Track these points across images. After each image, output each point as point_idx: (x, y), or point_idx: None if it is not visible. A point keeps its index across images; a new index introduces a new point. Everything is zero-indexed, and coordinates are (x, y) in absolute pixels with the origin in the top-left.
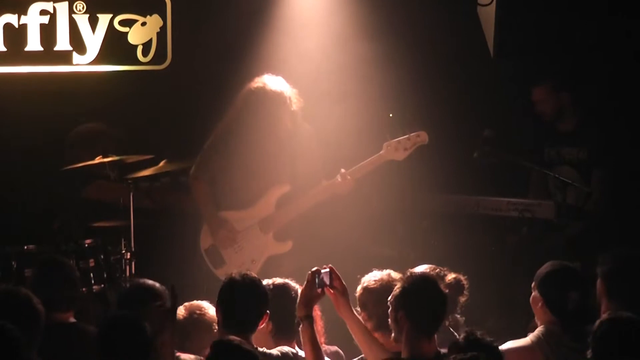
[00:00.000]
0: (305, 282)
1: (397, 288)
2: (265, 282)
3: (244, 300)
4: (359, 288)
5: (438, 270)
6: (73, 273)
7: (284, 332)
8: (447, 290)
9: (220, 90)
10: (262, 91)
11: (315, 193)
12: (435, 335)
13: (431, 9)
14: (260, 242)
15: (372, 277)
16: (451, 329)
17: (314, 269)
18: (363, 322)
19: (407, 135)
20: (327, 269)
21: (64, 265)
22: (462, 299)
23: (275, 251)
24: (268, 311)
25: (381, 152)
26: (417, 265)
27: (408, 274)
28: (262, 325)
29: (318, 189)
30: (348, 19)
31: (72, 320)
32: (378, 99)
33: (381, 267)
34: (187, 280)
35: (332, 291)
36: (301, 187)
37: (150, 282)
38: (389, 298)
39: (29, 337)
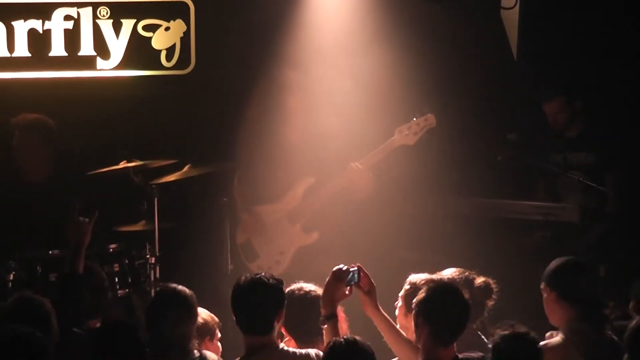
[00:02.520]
0: (328, 280)
1: (421, 293)
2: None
3: (251, 303)
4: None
5: (467, 273)
6: (103, 281)
7: (302, 340)
8: (475, 294)
9: (244, 94)
10: (274, 84)
11: (332, 184)
12: (455, 343)
13: (454, 12)
14: (289, 234)
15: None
16: (479, 333)
17: (338, 266)
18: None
19: (416, 120)
20: (356, 267)
21: (94, 273)
22: (491, 303)
23: (302, 242)
24: (282, 309)
25: (393, 138)
26: (443, 269)
27: (435, 278)
28: (277, 324)
29: (333, 180)
30: (370, 21)
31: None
32: (399, 100)
33: (405, 271)
34: (212, 284)
35: (360, 289)
36: (327, 177)
37: (180, 287)
38: (413, 301)
39: None
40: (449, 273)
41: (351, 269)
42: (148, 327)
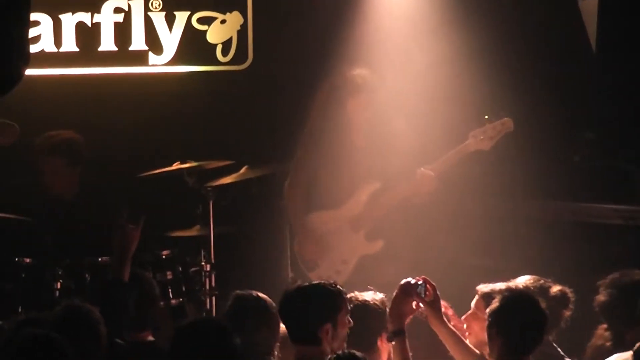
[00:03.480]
0: (395, 294)
1: (494, 302)
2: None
3: (295, 311)
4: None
5: (542, 281)
6: (152, 289)
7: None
8: (551, 304)
9: (304, 91)
10: (343, 80)
11: (398, 190)
12: (530, 355)
13: (527, 1)
14: (351, 242)
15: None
16: (554, 345)
17: (406, 280)
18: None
19: (492, 124)
20: (421, 281)
21: (143, 281)
22: (567, 313)
23: (366, 251)
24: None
25: (466, 142)
26: (517, 277)
27: (509, 287)
28: (327, 335)
29: (400, 186)
30: (437, 12)
31: (151, 338)
32: (467, 94)
33: (476, 279)
34: (271, 293)
35: (423, 301)
36: (392, 183)
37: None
38: (487, 311)
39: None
40: (523, 281)
41: (418, 282)
42: None
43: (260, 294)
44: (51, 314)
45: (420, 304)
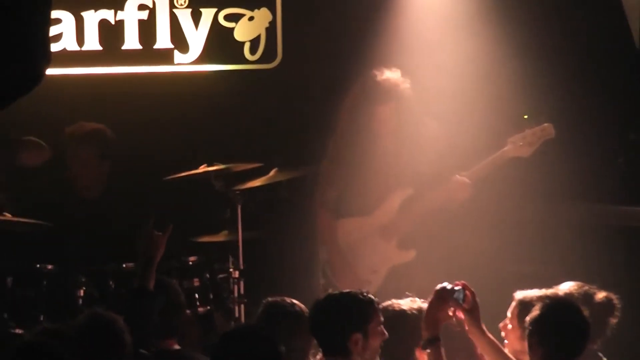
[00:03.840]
0: (430, 300)
1: (534, 310)
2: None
3: (322, 322)
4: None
5: (587, 288)
6: (178, 297)
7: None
8: (595, 311)
9: (335, 90)
10: (373, 85)
11: (432, 197)
12: None
13: None
14: (382, 251)
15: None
16: (600, 354)
17: (442, 285)
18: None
19: (531, 129)
20: (460, 286)
21: (169, 288)
22: (613, 321)
23: (398, 260)
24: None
25: (505, 148)
26: (558, 283)
27: (550, 294)
28: (356, 346)
29: (433, 193)
30: (472, 9)
31: (176, 347)
32: (504, 95)
33: (516, 286)
34: (301, 301)
35: (461, 308)
36: (425, 189)
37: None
38: (526, 319)
39: None
40: (566, 287)
41: (455, 288)
42: None
43: (294, 300)
44: (74, 322)
45: (454, 311)
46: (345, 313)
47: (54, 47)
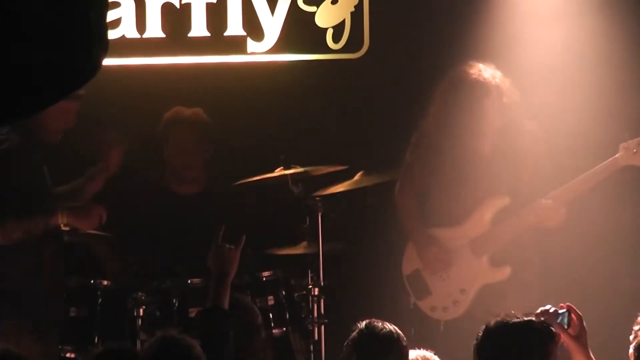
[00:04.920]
0: None
1: None
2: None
3: (494, 356)
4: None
5: None
6: (255, 318)
7: None
8: None
9: (428, 84)
10: (462, 80)
11: (523, 217)
12: None
13: None
14: (472, 268)
15: None
16: None
17: (544, 307)
18: None
19: None
20: (565, 309)
21: (245, 308)
22: None
23: (490, 279)
24: None
25: (617, 156)
26: None
27: None
28: None
29: (525, 213)
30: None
31: None
32: (612, 92)
33: (634, 304)
34: (389, 319)
35: (566, 334)
36: (524, 199)
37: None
38: (631, 346)
39: None
40: None
41: (560, 311)
42: None
43: (392, 325)
44: (144, 347)
45: (559, 337)
46: (526, 347)
47: (112, 35)
